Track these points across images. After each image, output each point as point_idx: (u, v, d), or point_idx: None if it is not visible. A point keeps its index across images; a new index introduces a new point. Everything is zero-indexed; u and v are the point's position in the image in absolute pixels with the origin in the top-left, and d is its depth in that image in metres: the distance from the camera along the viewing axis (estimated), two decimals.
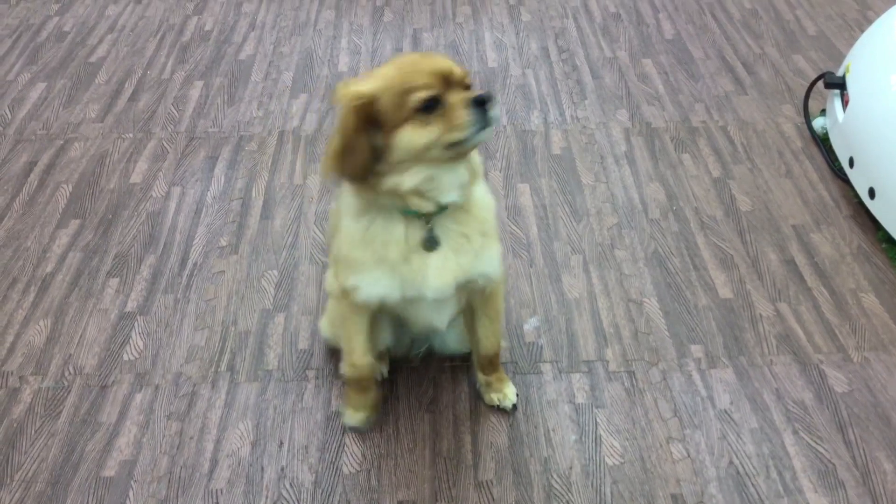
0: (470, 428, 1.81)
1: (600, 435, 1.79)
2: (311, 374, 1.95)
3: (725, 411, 1.83)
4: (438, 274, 1.53)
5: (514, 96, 2.89)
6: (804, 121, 2.70)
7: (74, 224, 2.40)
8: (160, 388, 1.93)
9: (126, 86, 3.01)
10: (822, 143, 2.58)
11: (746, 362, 1.93)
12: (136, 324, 2.09)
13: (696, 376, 1.91)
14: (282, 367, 1.97)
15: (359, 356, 1.72)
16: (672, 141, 2.66)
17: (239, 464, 1.76)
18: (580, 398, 1.87)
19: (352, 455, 1.77)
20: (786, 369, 1.91)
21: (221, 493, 1.71)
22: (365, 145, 1.41)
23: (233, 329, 2.07)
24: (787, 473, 1.69)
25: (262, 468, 1.75)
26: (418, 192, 1.45)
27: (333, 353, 1.95)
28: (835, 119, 2.50)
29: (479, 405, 1.86)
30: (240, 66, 3.11)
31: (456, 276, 1.55)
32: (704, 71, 3.01)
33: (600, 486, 1.68)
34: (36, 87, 3.01)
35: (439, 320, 1.69)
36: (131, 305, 2.14)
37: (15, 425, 1.86)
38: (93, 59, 3.17)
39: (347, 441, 1.80)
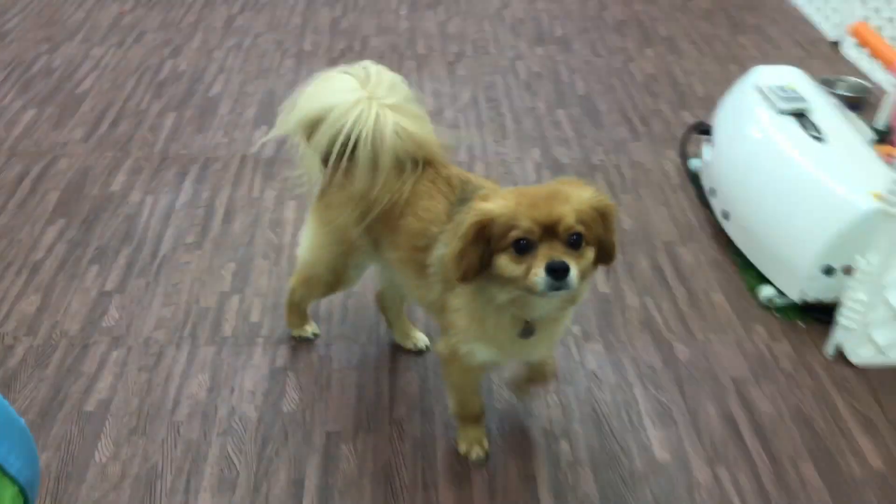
0: (388, 378, 2.24)
1: (492, 388, 2.23)
2: (260, 340, 2.37)
3: (593, 372, 2.28)
4: (532, 351, 1.86)
5: (446, 134, 3.39)
6: (682, 162, 3.24)
7: (61, 222, 2.81)
8: (133, 348, 2.33)
9: (108, 114, 3.45)
10: (695, 179, 3.12)
11: (614, 339, 2.40)
12: (112, 300, 2.49)
13: (574, 350, 2.37)
14: (235, 335, 2.39)
15: (472, 400, 2.00)
16: (574, 173, 3.17)
17: (197, 404, 2.16)
18: None
19: (290, 399, 2.18)
20: (644, 344, 2.39)
21: (182, 424, 2.10)
22: (475, 255, 1.60)
23: (195, 306, 2.48)
24: (634, 415, 2.15)
25: (216, 407, 2.15)
26: (512, 304, 1.68)
27: (279, 322, 2.38)
28: (704, 159, 3.04)
29: (398, 365, 2.29)
30: (209, 101, 3.57)
31: (546, 348, 1.91)
32: (607, 121, 3.55)
33: (489, 422, 2.11)
34: (27, 113, 3.43)
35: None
36: (109, 286, 2.55)
37: (10, 373, 2.23)
38: (78, 91, 3.61)
39: (288, 389, 2.21)
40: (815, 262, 2.40)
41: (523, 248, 1.56)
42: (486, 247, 1.60)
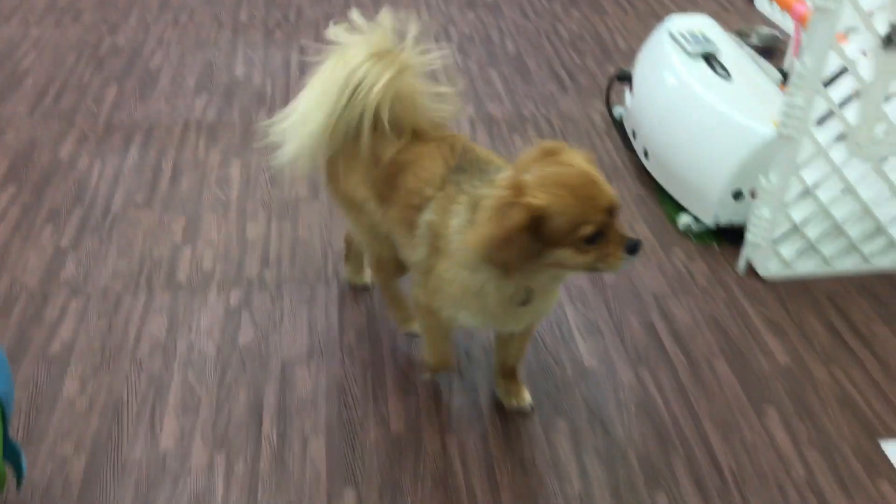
0: (338, 312, 2.40)
1: None
2: (213, 285, 2.50)
3: None
4: (521, 319, 1.87)
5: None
6: (607, 110, 3.44)
7: (12, 188, 2.89)
8: (91, 297, 2.44)
9: (50, 89, 3.52)
10: (620, 125, 3.32)
11: None
12: (68, 255, 2.60)
13: None
14: (190, 281, 2.51)
15: (444, 352, 2.08)
16: (506, 126, 3.35)
17: (157, 342, 2.29)
18: None
19: (246, 333, 2.33)
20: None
21: (144, 359, 2.23)
22: (526, 247, 1.58)
23: (149, 258, 2.60)
24: (565, 330, 2.35)
25: (176, 343, 2.29)
26: (540, 282, 1.74)
27: (231, 268, 2.52)
28: (626, 105, 3.24)
29: (346, 301, 2.45)
30: (149, 73, 3.67)
31: (534, 318, 1.92)
32: (537, 78, 3.74)
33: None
34: None
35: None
36: (64, 244, 2.65)
37: None
38: (20, 69, 3.67)
39: (243, 325, 2.35)
40: (725, 187, 2.62)
41: (593, 238, 1.59)
42: (535, 241, 1.59)
